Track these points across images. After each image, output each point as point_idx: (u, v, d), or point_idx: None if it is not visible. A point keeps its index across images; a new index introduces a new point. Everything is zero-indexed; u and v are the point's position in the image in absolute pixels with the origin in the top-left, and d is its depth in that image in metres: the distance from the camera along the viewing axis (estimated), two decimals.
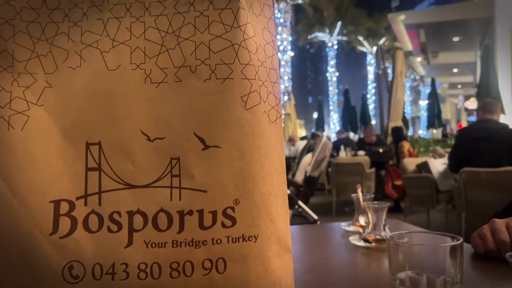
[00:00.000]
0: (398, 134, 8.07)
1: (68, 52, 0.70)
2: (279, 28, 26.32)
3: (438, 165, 5.81)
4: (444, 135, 15.82)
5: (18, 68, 0.69)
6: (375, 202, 1.32)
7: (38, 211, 0.66)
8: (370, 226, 1.29)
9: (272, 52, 0.77)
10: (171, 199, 0.68)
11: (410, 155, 7.39)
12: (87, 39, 0.70)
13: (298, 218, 5.30)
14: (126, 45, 0.70)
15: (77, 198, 0.68)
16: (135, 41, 0.70)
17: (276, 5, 24.61)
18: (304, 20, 31.92)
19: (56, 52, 0.70)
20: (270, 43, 0.76)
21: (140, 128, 0.69)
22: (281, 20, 26.36)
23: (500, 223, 1.05)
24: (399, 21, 13.84)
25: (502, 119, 8.15)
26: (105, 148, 0.69)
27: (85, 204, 0.68)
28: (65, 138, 0.69)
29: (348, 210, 7.68)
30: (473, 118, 16.73)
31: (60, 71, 0.70)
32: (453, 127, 28.91)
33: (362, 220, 1.45)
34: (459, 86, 28.65)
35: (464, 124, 23.54)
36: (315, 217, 5.34)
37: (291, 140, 11.17)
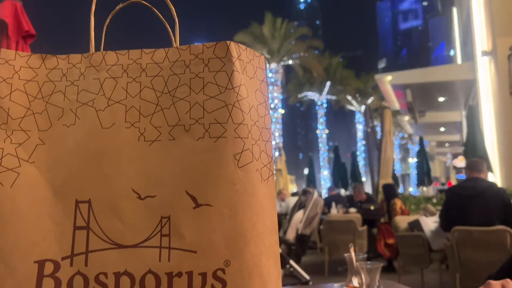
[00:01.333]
0: (390, 191, 8.06)
1: (64, 110, 0.71)
2: (271, 87, 27.08)
3: (430, 223, 5.76)
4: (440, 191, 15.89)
5: (12, 125, 0.69)
6: (368, 262, 1.29)
7: (21, 272, 0.64)
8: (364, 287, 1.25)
9: (264, 112, 0.78)
10: (160, 260, 0.66)
11: (403, 212, 7.34)
12: (83, 98, 0.72)
13: (289, 278, 5.13)
14: (121, 104, 0.71)
15: (63, 258, 0.66)
16: (130, 100, 0.72)
17: (267, 65, 25.48)
18: (294, 80, 32.93)
19: (52, 110, 0.71)
20: (262, 104, 0.78)
21: (131, 186, 0.68)
22: (273, 80, 27.19)
23: (495, 284, 1.03)
24: (386, 81, 14.35)
25: (490, 177, 8.24)
26: (95, 206, 0.68)
27: (71, 265, 0.66)
28: (55, 195, 0.68)
29: (341, 270, 7.48)
30: (462, 176, 16.89)
31: (54, 129, 0.70)
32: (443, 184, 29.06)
33: (355, 281, 1.42)
34: (446, 145, 29.20)
35: (453, 182, 23.71)
36: (307, 277, 5.18)
37: (280, 194, 11.03)
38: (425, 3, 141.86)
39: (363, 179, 21.01)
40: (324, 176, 39.51)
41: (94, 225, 0.67)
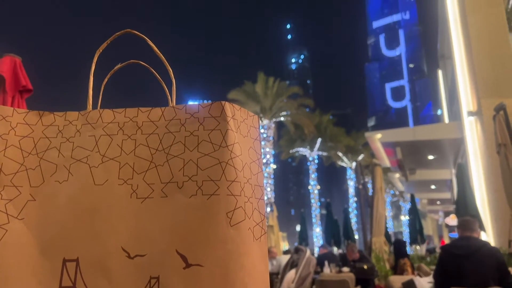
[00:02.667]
0: (401, 249, 7.91)
1: (57, 166, 0.71)
2: (263, 142, 27.34)
3: (424, 283, 5.62)
4: (428, 250, 15.61)
5: (3, 181, 0.69)
6: None
7: None
8: None
9: (257, 170, 0.79)
10: None
11: (412, 273, 7.18)
12: (77, 155, 0.72)
13: None
14: (115, 161, 0.72)
15: None
16: (124, 157, 0.72)
17: (260, 121, 25.86)
18: (286, 136, 33.36)
19: (45, 166, 0.71)
20: (255, 161, 0.79)
21: (121, 245, 0.67)
22: (265, 135, 27.51)
23: None
24: (376, 139, 14.59)
25: (483, 236, 8.17)
26: (83, 265, 0.66)
27: None
28: (42, 253, 0.66)
29: None
30: (455, 235, 16.72)
31: (47, 185, 0.70)
32: (436, 243, 28.66)
33: None
34: (438, 202, 29.17)
35: (446, 240, 23.42)
36: None
37: (270, 252, 10.66)
38: (411, 65, 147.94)
39: (356, 236, 20.69)
40: (317, 233, 38.86)
41: (80, 285, 0.65)
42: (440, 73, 22.14)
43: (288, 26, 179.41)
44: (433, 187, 22.98)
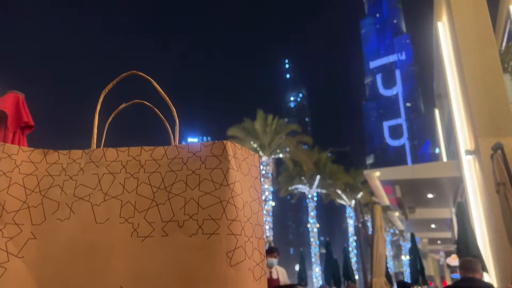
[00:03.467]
0: None
1: (59, 204, 0.71)
2: (261, 179, 27.25)
3: None
4: None
5: (5, 219, 0.69)
6: None
7: None
8: None
9: (258, 209, 0.79)
10: None
11: None
12: (80, 193, 0.72)
13: None
14: (117, 199, 0.72)
15: None
16: (126, 196, 0.73)
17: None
18: (285, 173, 33.31)
19: (47, 204, 0.71)
20: (256, 200, 0.80)
21: (120, 284, 0.66)
22: (263, 172, 27.46)
23: None
24: (375, 177, 14.57)
25: (486, 278, 7.99)
26: None
27: None
28: None
29: None
30: (457, 276, 16.36)
31: (48, 223, 0.70)
32: (438, 285, 27.98)
33: None
34: (438, 242, 28.74)
35: (448, 281, 22.88)
36: None
37: None
38: (408, 104, 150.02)
39: (356, 277, 20.22)
40: (316, 273, 38.00)
41: None
42: (437, 112, 22.41)
43: (287, 65, 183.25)
44: (433, 226, 22.72)
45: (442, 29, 13.07)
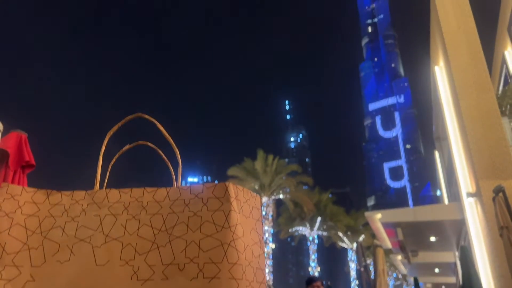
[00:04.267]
0: None
1: (60, 246, 0.71)
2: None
3: None
4: None
5: (5, 261, 0.68)
6: None
7: None
8: None
9: (259, 252, 0.78)
10: None
11: None
12: (81, 234, 0.72)
13: None
14: (118, 241, 0.72)
15: None
16: (127, 238, 0.72)
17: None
18: (285, 214, 32.94)
19: (48, 245, 0.71)
20: (257, 243, 0.79)
21: None
22: (263, 213, 27.17)
23: None
24: (376, 219, 14.39)
25: None
26: None
27: None
28: None
29: None
30: None
31: (47, 265, 0.69)
32: None
33: None
34: (443, 287, 27.94)
35: None
36: None
37: None
38: (408, 146, 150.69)
39: None
40: None
41: None
42: (437, 154, 22.47)
43: (287, 106, 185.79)
44: (437, 270, 22.17)
45: (439, 73, 13.35)
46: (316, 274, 36.25)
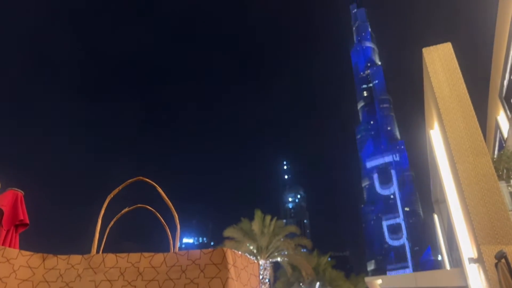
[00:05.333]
0: None
1: None
2: None
3: None
4: None
5: None
6: None
7: None
8: None
9: None
10: None
11: None
12: None
13: None
14: None
15: None
16: None
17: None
18: (283, 278, 31.84)
19: None
20: None
21: None
22: (260, 277, 26.27)
23: None
24: (376, 285, 13.91)
25: None
26: None
27: None
28: None
29: None
30: None
31: None
32: None
33: None
34: None
35: None
36: None
37: None
38: (407, 209, 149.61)
39: None
40: None
41: None
42: (436, 218, 22.24)
43: (285, 166, 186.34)
44: None
45: (435, 137, 13.59)
46: None
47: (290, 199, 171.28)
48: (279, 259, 28.05)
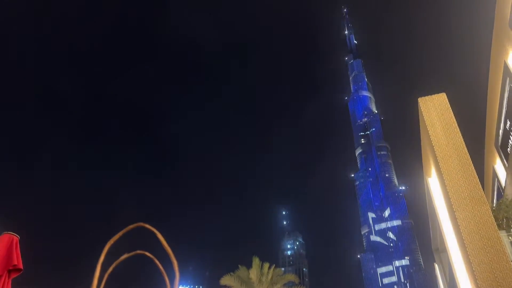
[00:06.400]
0: None
1: None
2: None
3: None
4: None
5: None
6: None
7: None
8: None
9: None
10: None
11: None
12: None
13: None
14: None
15: None
16: None
17: None
18: None
19: None
20: None
21: None
22: None
23: None
24: None
25: None
26: None
27: None
28: None
29: None
30: None
31: None
32: None
33: None
34: None
35: None
36: None
37: None
38: (407, 257, 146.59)
39: None
40: None
41: None
42: (437, 267, 21.77)
43: (284, 212, 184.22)
44: None
45: (433, 185, 13.59)
46: None
47: (289, 246, 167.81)
48: None
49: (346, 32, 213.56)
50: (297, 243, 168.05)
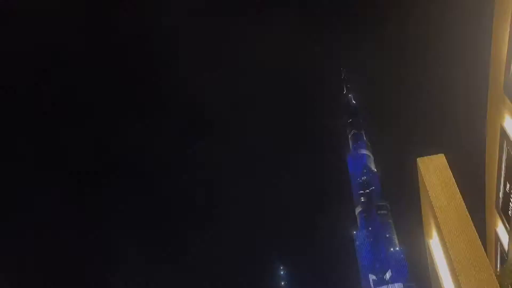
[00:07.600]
0: None
1: None
2: None
3: None
4: None
5: None
6: None
7: None
8: None
9: None
10: None
11: None
12: None
13: None
14: None
15: None
16: None
17: None
18: None
19: None
20: None
21: None
22: None
23: None
24: None
25: None
26: None
27: None
28: None
29: None
30: None
31: None
32: None
33: None
34: None
35: None
36: None
37: None
38: None
39: None
40: None
41: None
42: None
43: (282, 271, 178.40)
44: None
45: (435, 247, 13.31)
46: None
47: None
48: None
49: (345, 92, 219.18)
50: None
